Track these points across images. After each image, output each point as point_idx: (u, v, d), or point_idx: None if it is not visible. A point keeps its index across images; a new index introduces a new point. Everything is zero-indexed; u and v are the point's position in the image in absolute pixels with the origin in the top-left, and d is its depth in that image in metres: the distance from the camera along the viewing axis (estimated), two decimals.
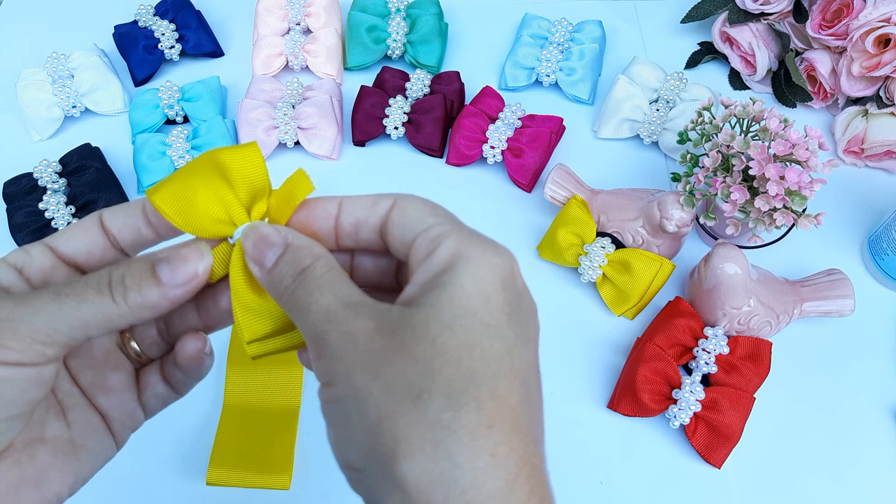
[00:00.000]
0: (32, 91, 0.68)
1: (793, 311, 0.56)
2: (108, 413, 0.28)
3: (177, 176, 0.26)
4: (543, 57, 0.71)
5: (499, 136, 0.65)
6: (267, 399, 0.55)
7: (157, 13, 0.73)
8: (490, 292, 0.23)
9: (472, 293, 0.23)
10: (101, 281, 0.25)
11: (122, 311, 0.24)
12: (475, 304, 0.22)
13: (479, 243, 0.24)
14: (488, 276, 0.23)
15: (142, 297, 0.25)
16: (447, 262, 0.23)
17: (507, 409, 0.21)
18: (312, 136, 0.66)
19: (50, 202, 0.61)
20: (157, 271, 0.25)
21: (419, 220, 0.25)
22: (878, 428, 0.55)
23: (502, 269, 0.23)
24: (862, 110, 0.67)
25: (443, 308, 0.22)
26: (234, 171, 0.26)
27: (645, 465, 0.54)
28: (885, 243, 0.60)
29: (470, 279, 0.23)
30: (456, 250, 0.23)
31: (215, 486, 0.51)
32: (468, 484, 0.20)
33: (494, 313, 0.23)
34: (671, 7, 0.79)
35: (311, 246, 0.26)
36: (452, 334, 0.22)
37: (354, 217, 0.27)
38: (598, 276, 0.58)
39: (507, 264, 0.24)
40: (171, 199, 0.25)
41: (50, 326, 0.23)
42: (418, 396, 0.21)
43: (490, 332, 0.22)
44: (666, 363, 0.53)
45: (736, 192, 0.53)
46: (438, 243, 0.24)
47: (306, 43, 0.72)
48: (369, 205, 0.26)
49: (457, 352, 0.22)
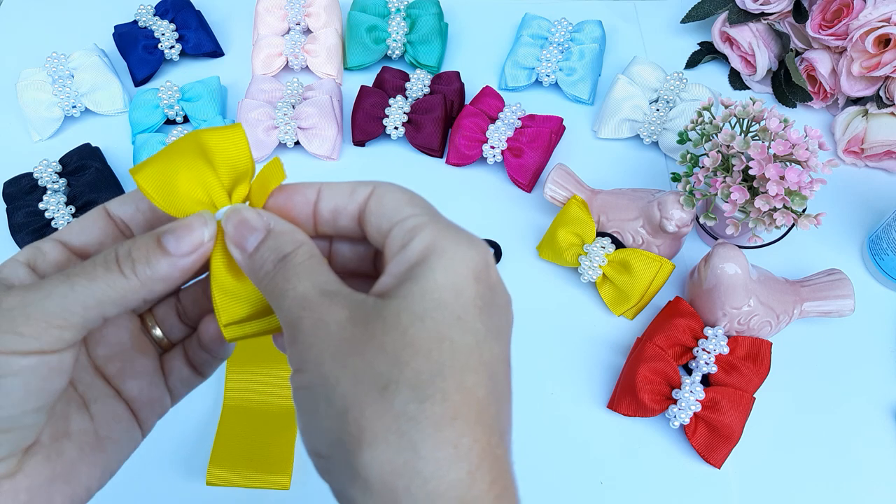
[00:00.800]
0: (32, 91, 0.68)
1: (793, 311, 0.56)
2: (135, 399, 0.28)
3: (160, 155, 0.26)
4: (543, 57, 0.71)
5: (499, 136, 0.65)
6: (267, 399, 0.55)
7: (157, 13, 0.73)
8: (462, 286, 0.23)
9: (445, 286, 0.23)
10: (108, 258, 0.24)
11: (133, 284, 0.24)
12: (447, 298, 0.22)
13: (454, 236, 0.24)
14: (461, 269, 0.23)
15: (151, 269, 0.24)
16: (421, 255, 0.23)
17: (473, 401, 0.22)
18: (312, 136, 0.66)
19: (50, 202, 0.61)
20: (163, 242, 0.25)
21: (396, 210, 0.25)
22: (878, 428, 0.55)
23: (476, 263, 0.23)
24: (862, 110, 0.67)
25: (414, 300, 0.22)
26: (216, 153, 0.26)
27: (645, 465, 0.54)
28: (885, 243, 0.60)
29: (442, 272, 0.23)
30: (430, 243, 0.23)
31: (215, 486, 0.51)
32: (430, 474, 0.21)
33: (466, 307, 0.23)
34: (671, 7, 0.79)
35: (294, 232, 0.26)
36: (423, 326, 0.22)
37: (333, 204, 0.26)
38: (598, 276, 0.58)
39: (480, 258, 0.24)
40: (153, 179, 0.25)
41: (63, 308, 0.23)
42: (385, 387, 0.21)
43: (460, 325, 0.22)
44: (666, 363, 0.53)
45: (736, 192, 0.53)
46: (413, 235, 0.24)
47: (306, 43, 0.72)
48: (348, 192, 0.26)
49: (426, 344, 0.22)
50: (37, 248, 0.26)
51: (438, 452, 0.21)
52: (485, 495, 0.21)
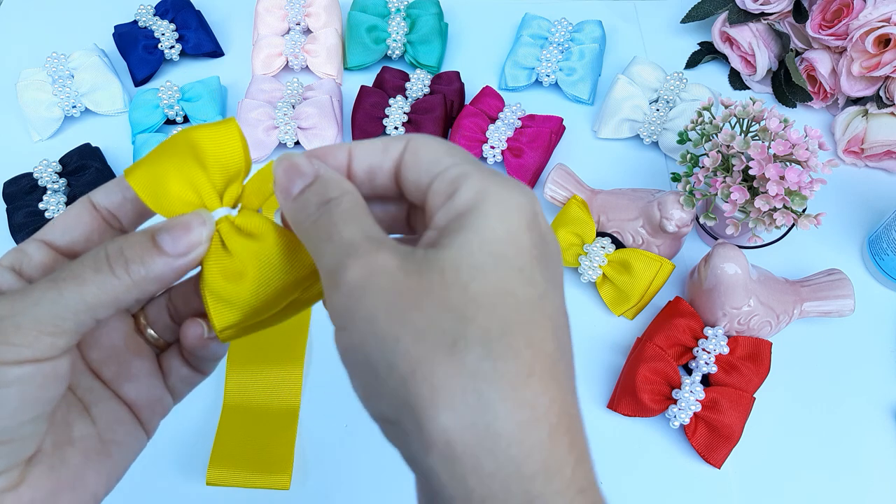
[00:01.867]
0: (32, 91, 0.68)
1: (793, 311, 0.56)
2: (135, 402, 0.28)
3: (151, 156, 0.25)
4: (543, 57, 0.71)
5: (499, 136, 0.65)
6: (267, 399, 0.55)
7: (157, 13, 0.73)
8: (518, 235, 0.22)
9: (502, 236, 0.21)
10: (97, 258, 0.23)
11: (125, 284, 0.23)
12: (506, 249, 0.21)
13: (502, 182, 0.23)
14: (515, 217, 0.22)
15: (146, 269, 0.23)
16: (471, 203, 0.22)
17: (545, 357, 0.21)
18: (312, 136, 0.66)
19: (50, 202, 0.61)
20: (159, 241, 0.24)
21: (435, 162, 0.24)
22: (878, 428, 0.55)
23: (527, 210, 0.22)
24: (862, 110, 0.67)
25: (472, 251, 0.21)
26: (207, 152, 0.25)
27: (645, 465, 0.54)
28: (885, 243, 0.60)
29: (497, 220, 0.22)
30: (480, 189, 0.22)
31: (215, 486, 0.51)
32: (512, 438, 0.19)
33: (524, 257, 0.22)
34: (671, 7, 0.79)
35: (341, 181, 0.24)
36: (485, 280, 0.21)
37: (367, 163, 0.25)
38: (598, 276, 0.58)
39: (531, 204, 0.23)
40: (144, 181, 0.25)
41: (54, 315, 0.22)
42: (454, 344, 0.20)
43: (522, 277, 0.21)
44: (666, 363, 0.53)
45: (736, 192, 0.53)
46: (459, 184, 0.23)
47: (306, 43, 0.72)
48: (380, 149, 0.25)
49: (490, 298, 0.20)
50: (20, 250, 0.25)
51: (518, 414, 0.19)
52: (565, 458, 0.20)
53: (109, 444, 0.26)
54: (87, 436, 0.26)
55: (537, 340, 0.21)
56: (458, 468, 0.19)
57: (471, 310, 0.20)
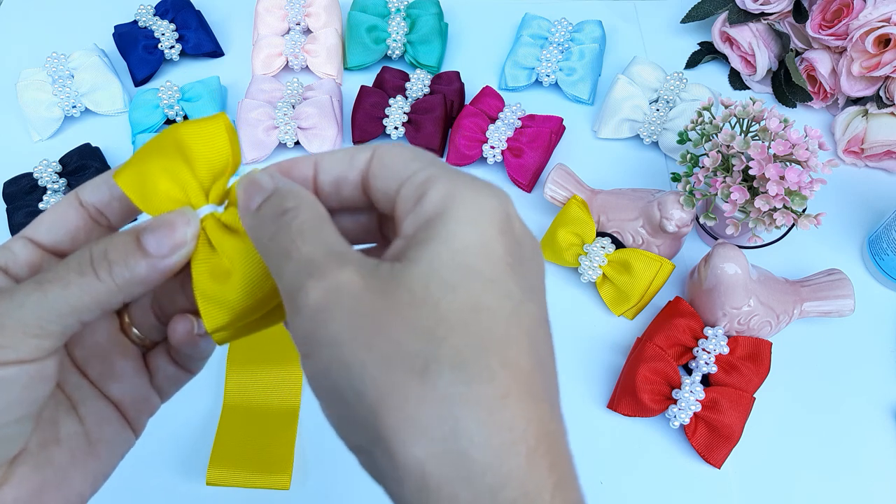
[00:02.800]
0: (32, 91, 0.68)
1: (793, 311, 0.56)
2: (121, 401, 0.27)
3: (138, 155, 0.25)
4: (543, 57, 0.71)
5: (499, 136, 0.65)
6: (267, 399, 0.55)
7: (157, 13, 0.73)
8: (490, 242, 0.20)
9: (472, 245, 0.20)
10: (81, 261, 0.23)
11: (109, 288, 0.23)
12: (476, 260, 0.20)
13: (471, 184, 0.21)
14: (486, 222, 0.21)
15: (130, 271, 0.23)
16: (438, 208, 0.21)
17: (521, 375, 0.19)
18: (312, 136, 0.66)
19: (50, 202, 0.61)
20: (143, 242, 0.23)
21: (402, 167, 0.23)
22: (878, 428, 0.55)
23: (499, 213, 0.21)
24: (862, 110, 0.67)
25: (442, 265, 0.20)
26: (192, 148, 0.24)
27: (645, 465, 0.54)
28: (885, 243, 0.60)
29: (467, 226, 0.20)
30: (447, 193, 0.21)
31: (215, 486, 0.51)
32: (488, 465, 0.18)
33: (497, 267, 0.20)
34: (671, 7, 0.79)
35: (299, 191, 0.23)
36: (456, 296, 0.19)
37: (333, 175, 0.24)
38: (598, 276, 0.58)
39: (503, 206, 0.21)
40: (132, 180, 0.24)
41: (38, 317, 0.22)
42: (425, 368, 0.19)
43: (495, 289, 0.20)
44: (666, 363, 0.53)
45: (736, 192, 0.53)
46: (426, 189, 0.21)
47: (306, 43, 0.72)
48: (346, 159, 0.24)
49: (462, 316, 0.19)
50: (6, 248, 0.25)
51: (494, 439, 0.18)
52: (544, 483, 0.19)
53: (97, 443, 0.26)
54: (74, 434, 0.26)
55: (513, 358, 0.20)
56: (434, 499, 0.19)
57: (442, 329, 0.19)
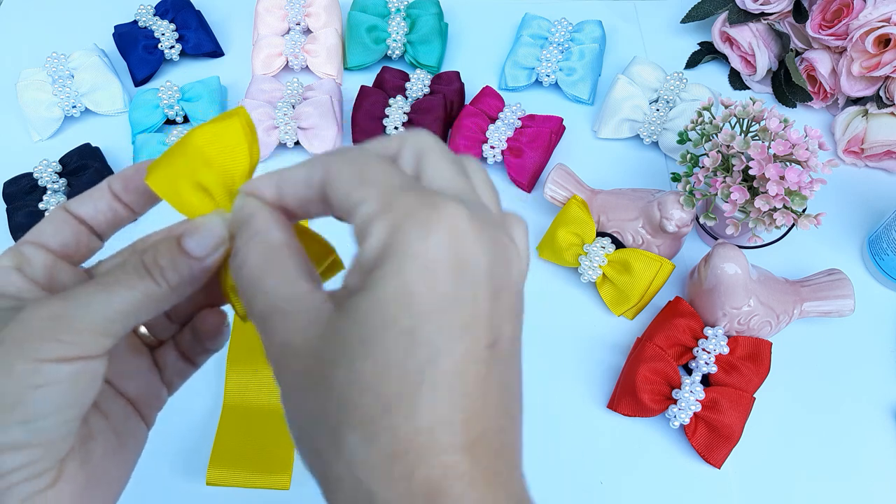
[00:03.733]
0: (32, 91, 0.68)
1: (793, 311, 0.56)
2: (135, 398, 0.29)
3: (165, 156, 0.26)
4: (543, 57, 0.71)
5: (499, 136, 0.65)
6: (267, 399, 0.55)
7: (157, 13, 0.73)
8: (414, 291, 0.19)
9: (391, 298, 0.19)
10: (137, 266, 0.24)
11: (164, 290, 0.24)
12: (395, 311, 0.19)
13: (411, 226, 0.20)
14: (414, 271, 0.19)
15: (178, 274, 0.24)
16: (375, 258, 0.20)
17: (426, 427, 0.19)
18: (312, 136, 0.66)
19: (50, 202, 0.61)
20: (185, 245, 0.25)
21: (348, 196, 0.22)
22: (878, 428, 0.55)
23: (437, 253, 0.20)
24: (862, 110, 0.67)
25: (362, 320, 0.20)
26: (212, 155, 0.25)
27: (645, 465, 0.54)
28: (885, 243, 0.60)
29: (393, 281, 0.20)
30: (384, 241, 0.20)
31: (215, 486, 0.51)
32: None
33: (417, 314, 0.19)
34: (671, 7, 0.79)
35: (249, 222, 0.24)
36: (368, 355, 0.20)
37: (296, 198, 0.24)
38: (598, 276, 0.58)
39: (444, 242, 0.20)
40: (163, 181, 0.25)
41: (104, 317, 0.23)
42: (335, 430, 0.20)
43: (409, 341, 0.19)
44: (666, 363, 0.53)
45: (736, 192, 0.53)
46: (367, 230, 0.21)
47: (306, 43, 0.72)
48: (303, 181, 0.23)
49: (373, 377, 0.19)
50: (19, 253, 0.26)
51: (391, 493, 0.19)
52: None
53: (122, 436, 0.27)
54: (103, 429, 0.27)
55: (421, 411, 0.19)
56: None
57: (354, 392, 0.20)
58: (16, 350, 0.22)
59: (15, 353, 0.22)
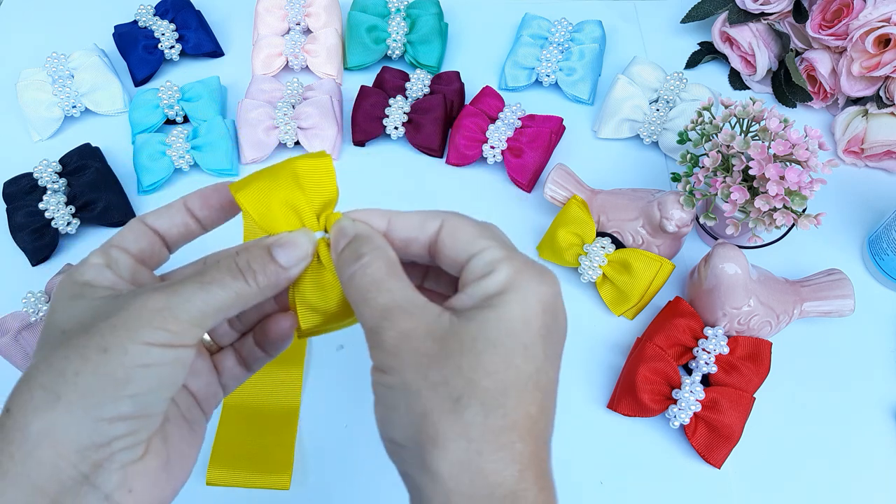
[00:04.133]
0: (32, 91, 0.68)
1: (793, 311, 0.56)
2: (197, 394, 0.32)
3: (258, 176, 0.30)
4: (543, 57, 0.71)
5: (499, 136, 0.65)
6: (267, 399, 0.55)
7: (157, 13, 0.73)
8: (531, 318, 0.27)
9: (517, 318, 0.26)
10: (230, 267, 0.28)
11: (253, 291, 0.28)
12: (517, 328, 0.26)
13: (529, 272, 0.27)
14: (533, 303, 0.27)
15: (267, 278, 0.28)
16: (501, 288, 0.27)
17: (527, 416, 0.26)
18: (312, 136, 0.66)
19: (50, 202, 0.61)
20: (275, 255, 0.29)
21: (471, 243, 0.28)
22: (878, 428, 0.55)
23: (546, 297, 0.27)
24: (862, 110, 0.67)
25: (490, 328, 0.26)
26: (306, 180, 0.30)
27: (645, 465, 0.54)
28: (885, 243, 0.60)
29: (518, 306, 0.27)
30: (510, 279, 0.27)
31: (215, 486, 0.51)
32: (490, 470, 0.25)
33: (532, 336, 0.27)
34: (671, 7, 0.79)
35: (373, 238, 0.29)
36: (495, 352, 0.26)
37: (404, 235, 0.30)
38: (598, 276, 0.58)
39: (551, 291, 0.28)
40: (252, 198, 0.29)
41: (201, 311, 0.27)
42: (458, 400, 0.25)
43: (525, 353, 0.26)
44: (666, 363, 0.53)
45: (736, 192, 0.53)
46: (493, 268, 0.27)
47: (306, 43, 0.72)
48: (418, 225, 0.30)
49: (496, 367, 0.26)
50: (107, 254, 0.30)
51: (497, 454, 0.25)
52: (531, 487, 0.26)
53: (191, 424, 0.31)
54: (176, 415, 0.30)
55: (526, 404, 0.26)
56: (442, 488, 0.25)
57: (478, 375, 0.26)
58: (129, 335, 0.26)
59: (128, 336, 0.26)
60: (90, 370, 0.25)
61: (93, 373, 0.25)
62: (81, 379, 0.25)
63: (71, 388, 0.25)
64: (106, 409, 0.25)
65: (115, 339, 0.26)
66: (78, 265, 0.29)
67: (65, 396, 0.25)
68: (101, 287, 0.28)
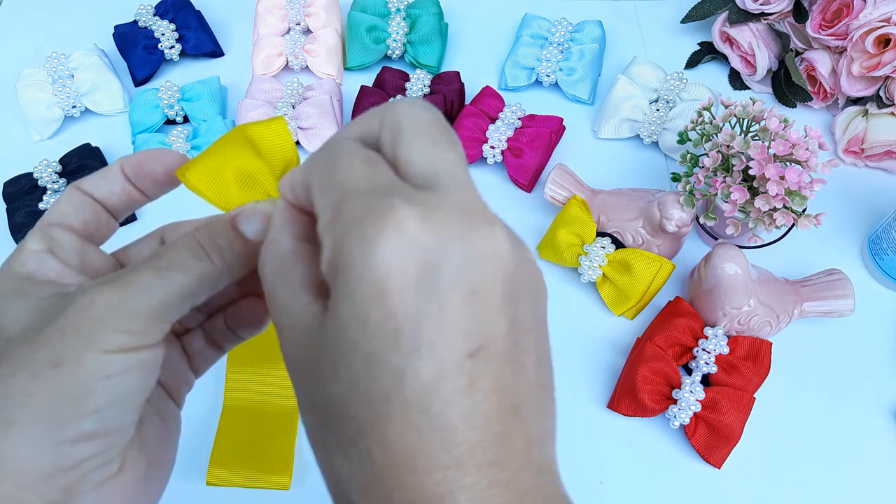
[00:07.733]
0: (32, 91, 0.68)
1: (793, 311, 0.56)
2: (167, 382, 0.29)
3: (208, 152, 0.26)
4: (543, 57, 0.71)
5: (499, 136, 0.65)
6: (267, 399, 0.55)
7: (157, 13, 0.73)
8: (367, 313, 0.18)
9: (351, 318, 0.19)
10: (191, 247, 0.24)
11: (220, 270, 0.24)
12: (354, 335, 0.19)
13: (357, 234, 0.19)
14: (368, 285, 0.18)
15: (234, 254, 0.24)
16: (327, 277, 0.20)
17: (399, 453, 0.18)
18: (312, 136, 0.66)
19: (50, 202, 0.61)
20: (241, 228, 0.24)
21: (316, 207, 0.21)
22: (878, 428, 0.55)
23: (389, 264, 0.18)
24: (862, 110, 0.67)
25: (333, 341, 0.19)
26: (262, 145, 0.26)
27: (645, 465, 0.54)
28: (885, 243, 0.60)
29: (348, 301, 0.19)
30: (331, 257, 0.19)
31: (215, 486, 0.51)
32: None
33: (374, 338, 0.18)
34: (671, 7, 0.79)
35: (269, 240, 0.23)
36: (338, 379, 0.19)
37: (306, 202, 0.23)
38: (598, 276, 0.58)
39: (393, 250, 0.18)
40: (203, 176, 0.26)
41: (163, 302, 0.23)
42: (323, 446, 0.21)
43: (371, 366, 0.18)
44: (666, 363, 0.53)
45: (736, 192, 0.53)
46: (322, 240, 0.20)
47: (306, 43, 0.72)
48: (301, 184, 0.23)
49: (343, 400, 0.19)
50: (48, 235, 0.25)
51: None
52: None
53: (165, 419, 0.28)
54: (150, 414, 0.27)
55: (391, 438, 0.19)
56: None
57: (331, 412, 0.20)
58: (83, 342, 0.22)
59: (82, 345, 0.22)
60: (42, 389, 0.22)
61: (46, 391, 0.22)
62: (34, 400, 0.22)
63: (23, 412, 0.21)
64: (67, 430, 0.22)
65: (67, 349, 0.22)
66: (15, 252, 0.25)
67: (17, 421, 0.21)
68: (44, 282, 0.24)
